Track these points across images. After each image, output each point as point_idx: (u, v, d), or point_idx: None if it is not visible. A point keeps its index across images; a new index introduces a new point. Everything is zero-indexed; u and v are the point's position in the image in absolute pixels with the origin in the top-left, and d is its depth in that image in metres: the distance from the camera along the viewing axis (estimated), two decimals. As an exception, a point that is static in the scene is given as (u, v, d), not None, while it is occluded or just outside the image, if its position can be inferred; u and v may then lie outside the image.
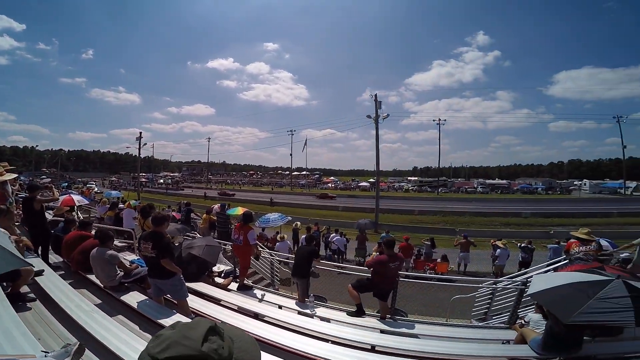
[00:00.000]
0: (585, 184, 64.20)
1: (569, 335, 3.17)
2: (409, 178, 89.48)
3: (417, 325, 4.58)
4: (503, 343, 3.97)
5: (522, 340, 3.66)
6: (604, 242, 6.85)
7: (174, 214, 13.05)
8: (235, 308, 4.52)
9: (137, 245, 5.88)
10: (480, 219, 29.82)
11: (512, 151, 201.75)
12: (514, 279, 6.87)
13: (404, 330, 4.31)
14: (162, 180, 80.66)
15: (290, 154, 75.53)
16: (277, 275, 8.29)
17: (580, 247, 5.80)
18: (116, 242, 6.55)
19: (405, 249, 12.28)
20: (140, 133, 45.41)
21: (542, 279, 3.82)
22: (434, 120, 59.87)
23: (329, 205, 37.16)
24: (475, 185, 68.83)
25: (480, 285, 6.78)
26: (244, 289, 5.73)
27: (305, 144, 74.53)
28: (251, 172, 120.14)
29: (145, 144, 47.31)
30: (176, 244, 5.95)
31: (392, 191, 63.58)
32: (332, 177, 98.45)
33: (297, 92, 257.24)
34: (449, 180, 75.86)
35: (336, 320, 4.66)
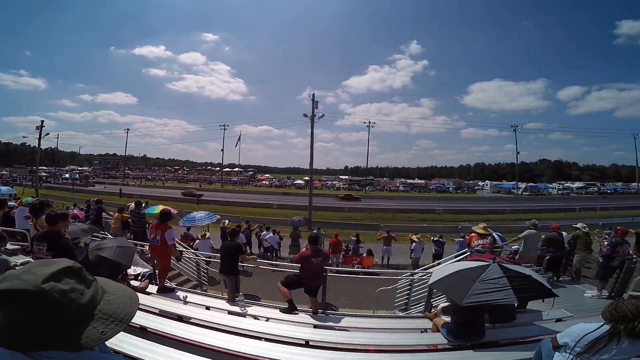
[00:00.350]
0: (487, 185, 74.69)
1: (470, 322, 3.60)
2: (341, 177, 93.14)
3: (347, 319, 4.72)
4: (422, 332, 4.26)
5: (437, 328, 3.96)
6: (496, 236, 8.04)
7: (75, 211, 11.39)
8: (157, 311, 4.12)
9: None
10: (401, 215, 32.54)
11: (430, 154, 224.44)
12: (427, 271, 7.45)
13: (335, 323, 4.40)
14: (67, 175, 69.36)
15: (222, 149, 70.88)
16: (204, 276, 7.80)
17: (479, 241, 6.71)
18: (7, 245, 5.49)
19: (334, 245, 12.71)
20: (42, 121, 38.81)
21: (438, 270, 4.35)
22: (364, 123, 63.50)
23: (263, 203, 36.52)
24: (398, 185, 74.89)
25: (400, 277, 7.26)
26: (165, 292, 5.28)
27: (239, 139, 71.07)
28: (176, 167, 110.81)
29: (47, 133, 40.41)
30: (81, 245, 5.28)
31: (325, 189, 65.44)
32: (267, 175, 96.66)
33: (234, 86, 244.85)
34: (376, 179, 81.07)
35: (270, 318, 4.57)
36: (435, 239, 13.18)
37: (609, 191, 64.58)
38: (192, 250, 8.96)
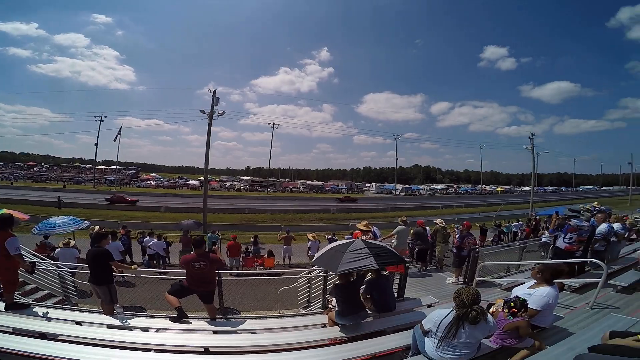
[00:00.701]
0: (372, 186, 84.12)
1: (349, 299, 4.20)
2: (242, 177, 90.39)
3: (251, 321, 4.68)
4: (322, 327, 4.50)
5: (333, 323, 4.31)
6: (376, 231, 9.17)
7: None
8: (9, 330, 3.40)
9: None
10: (301, 215, 33.83)
11: (327, 157, 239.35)
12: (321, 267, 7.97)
13: (237, 327, 4.33)
14: None
15: (96, 143, 58.66)
16: (71, 289, 6.64)
17: (362, 237, 7.43)
18: None
19: (232, 248, 12.37)
20: None
21: (319, 251, 4.82)
22: (269, 124, 63.39)
23: (148, 207, 32.48)
24: (298, 186, 77.21)
25: (299, 275, 7.51)
26: (16, 308, 4.36)
27: (119, 132, 61.04)
28: (30, 162, 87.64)
29: None
30: None
31: (224, 190, 62.43)
32: (153, 174, 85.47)
33: (120, 74, 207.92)
34: (278, 180, 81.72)
35: (161, 328, 4.23)
36: (329, 237, 14.16)
37: (462, 192, 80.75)
38: (51, 261, 7.43)
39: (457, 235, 8.60)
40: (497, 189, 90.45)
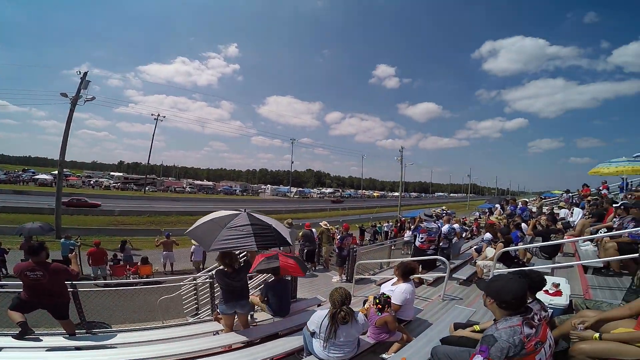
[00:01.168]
0: (268, 188, 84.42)
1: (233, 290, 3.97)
2: (112, 173, 77.46)
3: (125, 334, 4.18)
4: (214, 334, 4.29)
5: (229, 329, 4.13)
6: None
7: None
8: None
9: None
10: (187, 217, 31.16)
11: (221, 156, 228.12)
12: (208, 273, 7.33)
13: (107, 342, 3.84)
14: None
15: None
16: None
17: None
18: None
19: (95, 255, 10.66)
20: None
21: (197, 222, 4.10)
22: (152, 115, 55.41)
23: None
24: (185, 185, 71.06)
25: (182, 282, 7.02)
26: None
27: None
28: None
29: None
30: None
31: (88, 188, 52.24)
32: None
33: None
34: (159, 178, 73.30)
35: (3, 347, 3.43)
36: None
37: (346, 196, 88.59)
38: None
39: (338, 237, 9.38)
40: (374, 194, 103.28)
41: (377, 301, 3.51)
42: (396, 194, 75.26)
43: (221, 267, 4.03)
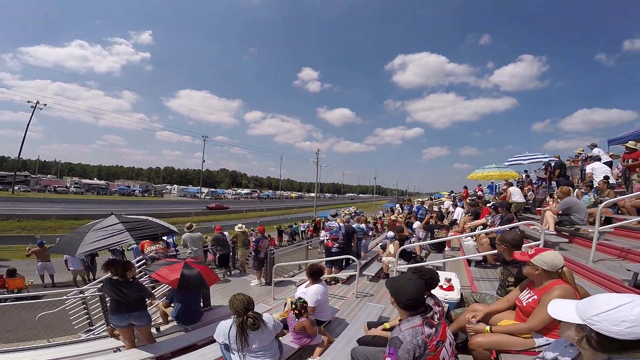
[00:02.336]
0: (174, 189, 76.97)
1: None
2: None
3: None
4: (115, 351, 3.83)
5: (130, 344, 3.73)
6: (170, 241, 8.53)
7: None
8: None
9: None
10: (70, 222, 26.35)
11: (117, 152, 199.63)
12: (99, 285, 6.60)
13: None
14: None
15: None
16: None
17: (152, 247, 6.57)
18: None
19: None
20: None
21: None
22: (29, 102, 44.53)
23: None
24: (69, 185, 60.17)
25: (67, 297, 5.89)
26: None
27: None
28: None
29: None
30: None
31: None
32: None
33: None
34: (34, 176, 60.42)
35: None
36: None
37: (264, 197, 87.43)
38: None
39: (253, 239, 9.16)
40: (292, 195, 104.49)
41: (294, 306, 3.49)
42: (312, 194, 77.49)
43: (110, 275, 3.67)
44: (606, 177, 6.68)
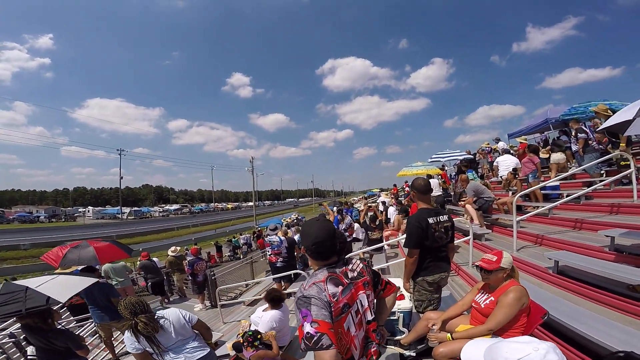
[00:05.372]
0: (89, 211, 67.87)
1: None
2: None
3: None
4: None
5: None
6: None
7: None
8: None
9: None
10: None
11: (13, 173, 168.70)
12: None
13: None
14: None
15: None
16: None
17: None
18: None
19: None
20: None
21: None
22: None
23: None
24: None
25: None
26: None
27: None
28: None
29: None
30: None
31: None
32: None
33: None
34: None
35: None
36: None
37: (197, 211, 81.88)
38: None
39: (186, 262, 8.53)
40: (228, 206, 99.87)
41: (246, 343, 3.28)
42: (250, 203, 75.23)
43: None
44: (514, 169, 7.66)
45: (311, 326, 1.31)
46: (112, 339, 5.07)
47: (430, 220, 2.70)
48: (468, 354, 1.13)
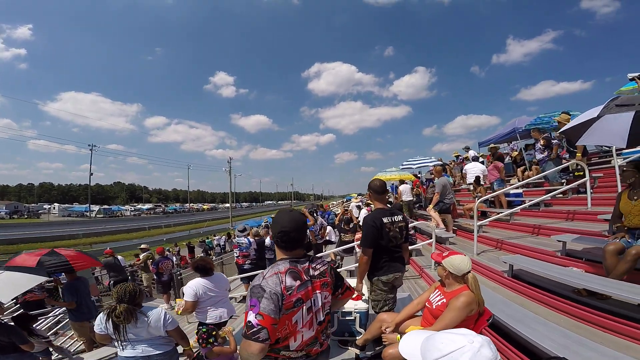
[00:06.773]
0: (55, 208, 64.50)
1: None
2: None
3: None
4: None
5: None
6: None
7: None
8: None
9: None
10: None
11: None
12: None
13: None
14: None
15: None
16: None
17: None
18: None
19: None
20: None
21: None
22: None
23: None
24: None
25: None
26: None
27: None
28: None
29: None
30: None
31: None
32: None
33: None
34: None
35: None
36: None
37: (171, 211, 79.49)
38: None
39: (151, 262, 8.35)
40: (204, 207, 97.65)
41: (201, 340, 3.19)
42: (227, 205, 73.90)
43: None
44: (477, 177, 7.88)
45: (255, 317, 1.34)
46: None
47: (385, 220, 2.70)
48: (406, 344, 1.09)
